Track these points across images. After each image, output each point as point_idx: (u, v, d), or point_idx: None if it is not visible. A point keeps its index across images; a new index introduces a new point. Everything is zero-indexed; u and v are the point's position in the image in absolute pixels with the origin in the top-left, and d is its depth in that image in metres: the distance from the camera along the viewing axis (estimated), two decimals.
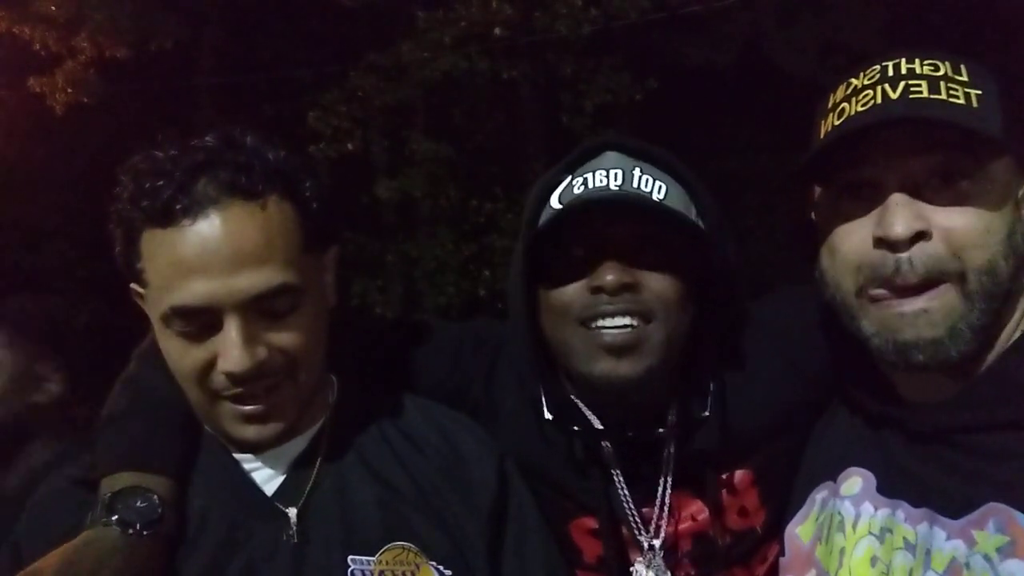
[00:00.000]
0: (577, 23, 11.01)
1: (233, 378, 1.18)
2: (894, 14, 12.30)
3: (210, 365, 1.19)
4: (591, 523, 1.50)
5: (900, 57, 1.24)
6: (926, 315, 1.19)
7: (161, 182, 1.17)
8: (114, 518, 1.15)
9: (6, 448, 1.87)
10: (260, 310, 1.18)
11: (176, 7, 11.69)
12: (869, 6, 12.25)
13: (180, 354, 1.20)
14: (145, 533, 1.15)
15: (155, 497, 1.18)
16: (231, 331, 1.16)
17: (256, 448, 1.28)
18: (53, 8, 10.57)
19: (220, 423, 1.25)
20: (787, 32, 12.56)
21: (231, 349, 1.16)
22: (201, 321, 1.17)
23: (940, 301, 1.18)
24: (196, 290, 1.15)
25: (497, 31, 11.04)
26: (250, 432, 1.24)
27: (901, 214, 1.18)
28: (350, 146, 11.34)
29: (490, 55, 11.27)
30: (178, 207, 1.15)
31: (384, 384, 1.48)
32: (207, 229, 1.15)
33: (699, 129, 12.55)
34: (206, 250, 1.15)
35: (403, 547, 1.27)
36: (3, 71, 11.21)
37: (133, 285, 1.27)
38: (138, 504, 1.17)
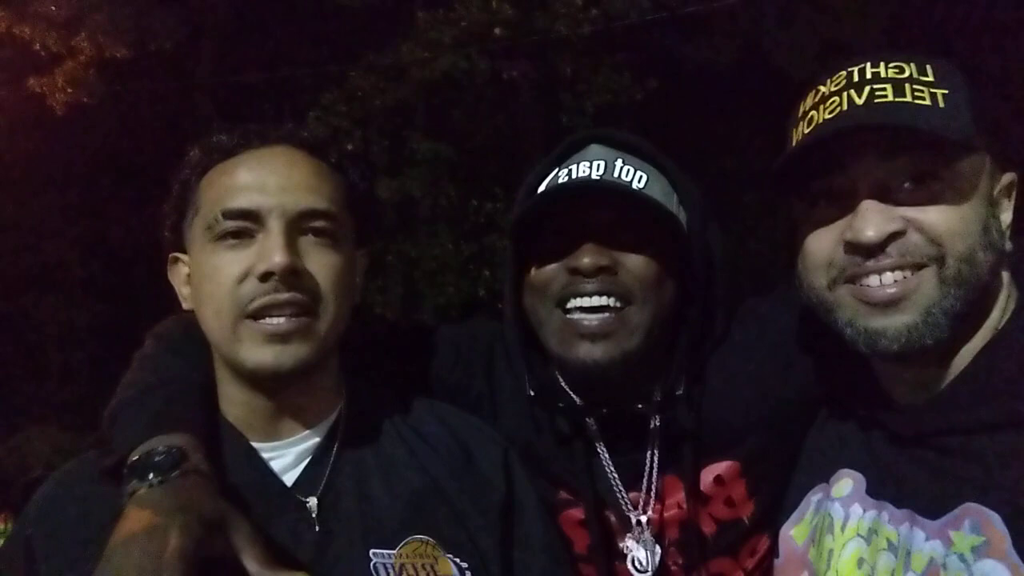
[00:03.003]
0: (577, 23, 11.02)
1: (270, 278, 1.20)
2: (894, 14, 12.31)
3: (246, 274, 1.21)
4: (579, 514, 1.54)
5: (866, 62, 1.24)
6: (899, 303, 1.19)
7: (226, 135, 1.29)
8: (144, 482, 1.13)
9: None
10: (303, 228, 1.24)
11: (176, 7, 11.70)
12: (869, 6, 12.26)
13: (219, 267, 1.23)
14: (174, 475, 1.13)
15: (173, 448, 1.16)
16: (275, 230, 1.22)
17: (273, 376, 1.25)
18: (53, 8, 10.58)
19: (241, 350, 1.23)
20: (787, 32, 12.58)
21: (273, 249, 1.20)
22: (246, 225, 1.23)
23: (915, 284, 1.18)
24: (248, 196, 1.23)
25: (497, 31, 11.06)
26: (269, 354, 1.22)
27: (872, 219, 1.18)
28: (350, 146, 11.35)
29: (490, 55, 11.28)
30: (243, 142, 1.28)
31: (390, 384, 1.50)
32: (268, 156, 1.27)
33: (699, 129, 12.56)
34: (264, 171, 1.25)
35: (422, 540, 1.29)
36: (3, 71, 11.22)
37: (174, 253, 1.32)
38: (157, 459, 1.15)
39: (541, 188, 1.48)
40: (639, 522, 1.51)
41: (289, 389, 1.28)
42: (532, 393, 1.50)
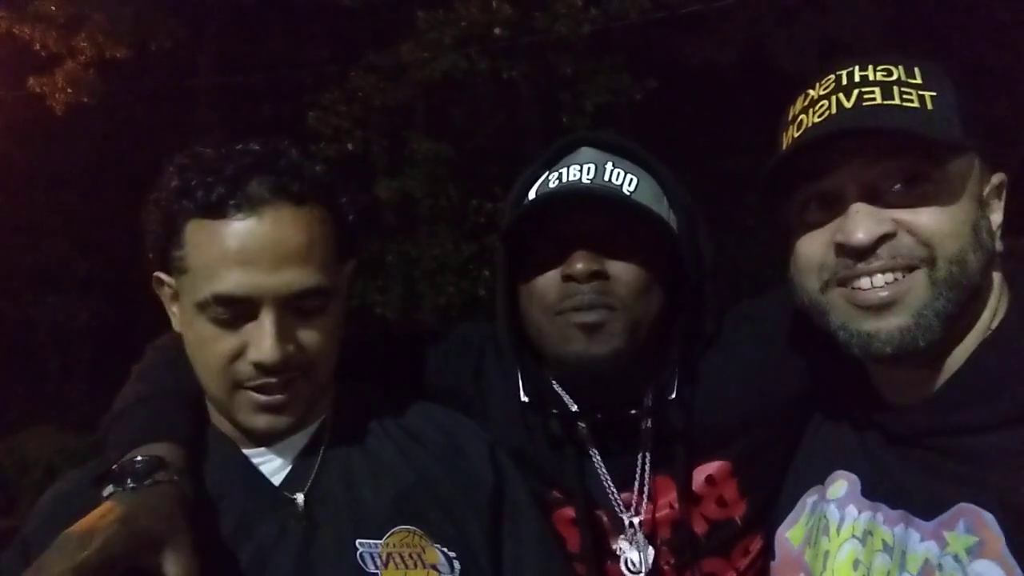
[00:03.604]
0: (577, 23, 11.02)
1: (261, 368, 1.22)
2: (894, 14, 12.31)
3: (238, 353, 1.24)
4: (572, 513, 1.55)
5: (854, 65, 1.24)
6: (891, 306, 1.19)
7: (212, 178, 1.22)
8: (119, 487, 1.17)
9: None
10: (294, 307, 1.24)
11: (176, 7, 11.70)
12: (869, 6, 12.26)
13: (211, 340, 1.24)
14: (146, 484, 1.17)
15: (153, 457, 1.21)
16: (266, 323, 1.21)
17: (266, 438, 1.32)
18: (53, 8, 10.59)
19: (235, 413, 1.29)
20: (787, 32, 12.58)
21: (265, 340, 1.21)
22: (238, 310, 1.22)
23: (907, 286, 1.18)
24: (240, 280, 1.20)
25: (497, 31, 11.06)
26: (263, 421, 1.28)
27: (862, 221, 1.18)
28: (350, 146, 11.35)
29: (490, 55, 11.28)
30: (232, 202, 1.21)
31: (378, 385, 1.52)
32: (256, 225, 1.21)
33: (699, 129, 12.56)
34: (254, 244, 1.21)
35: (408, 530, 1.31)
36: (3, 71, 11.22)
37: (159, 274, 1.31)
38: (136, 466, 1.19)
39: (531, 192, 1.48)
40: (631, 524, 1.52)
41: None
42: (526, 399, 1.51)
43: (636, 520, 1.52)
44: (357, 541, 1.28)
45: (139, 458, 1.19)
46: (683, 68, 12.61)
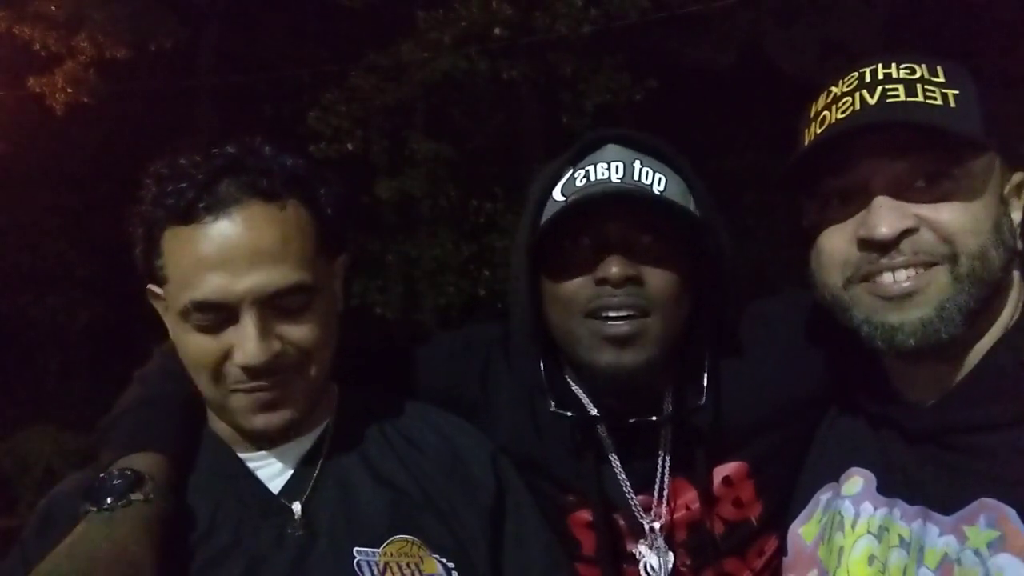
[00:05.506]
0: (577, 23, 11.03)
1: (248, 370, 1.22)
2: (894, 14, 12.32)
3: (225, 357, 1.23)
4: (588, 516, 1.53)
5: (877, 62, 1.25)
6: (913, 297, 1.20)
7: (184, 184, 1.21)
8: (95, 505, 1.18)
9: None
10: (275, 306, 1.22)
11: (176, 7, 11.70)
12: (869, 6, 12.27)
13: (196, 347, 1.24)
14: (120, 504, 1.16)
15: (129, 472, 1.20)
16: (247, 325, 1.20)
17: (265, 437, 1.31)
18: (53, 8, 10.59)
19: (232, 414, 1.28)
20: (787, 32, 12.58)
21: (247, 342, 1.20)
22: (218, 315, 1.21)
23: (929, 280, 1.19)
24: (215, 284, 1.19)
25: (497, 31, 11.07)
26: (260, 420, 1.27)
27: (885, 216, 1.19)
28: (350, 146, 11.36)
29: (490, 55, 11.28)
30: (201, 205, 1.20)
31: (382, 390, 1.51)
32: (228, 227, 1.20)
33: (699, 129, 12.55)
34: (226, 247, 1.19)
35: (407, 540, 1.30)
36: (3, 71, 11.21)
37: (150, 286, 1.30)
38: (115, 482, 1.19)
39: (556, 191, 1.45)
40: (652, 528, 1.50)
41: None
42: (553, 404, 1.47)
43: (656, 525, 1.50)
44: (355, 549, 1.27)
45: (116, 476, 1.19)
46: (683, 68, 12.61)
